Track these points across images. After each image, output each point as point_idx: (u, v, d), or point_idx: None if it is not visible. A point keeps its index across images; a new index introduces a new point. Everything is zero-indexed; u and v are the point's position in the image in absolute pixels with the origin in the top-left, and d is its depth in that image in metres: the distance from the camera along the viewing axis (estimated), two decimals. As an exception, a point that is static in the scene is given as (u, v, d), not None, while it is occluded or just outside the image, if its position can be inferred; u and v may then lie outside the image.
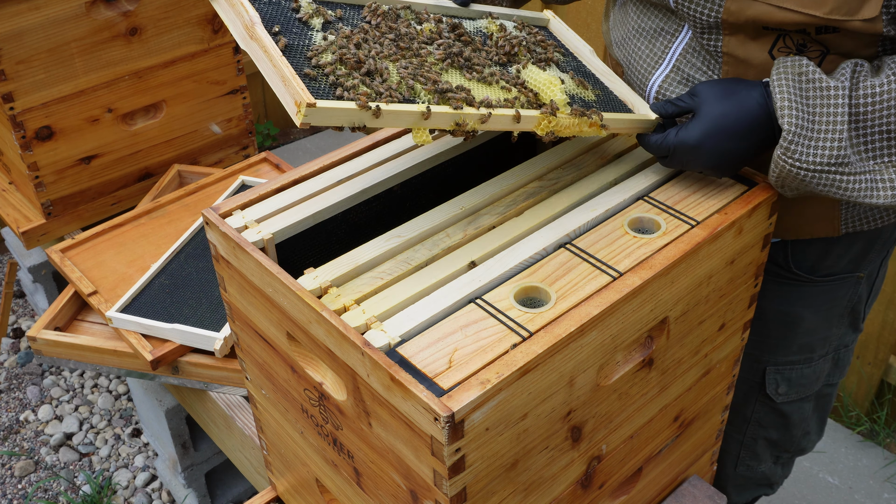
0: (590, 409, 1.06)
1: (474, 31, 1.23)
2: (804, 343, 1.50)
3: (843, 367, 1.61)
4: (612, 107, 1.20)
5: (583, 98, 1.18)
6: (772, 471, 1.73)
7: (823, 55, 1.15)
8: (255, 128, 2.61)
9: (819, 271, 1.42)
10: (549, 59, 1.23)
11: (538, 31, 1.29)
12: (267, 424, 1.33)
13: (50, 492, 2.51)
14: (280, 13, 1.08)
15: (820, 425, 1.70)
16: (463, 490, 0.94)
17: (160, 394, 2.08)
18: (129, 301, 1.83)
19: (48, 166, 2.13)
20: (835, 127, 1.07)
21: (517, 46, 1.20)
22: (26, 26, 1.95)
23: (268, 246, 1.12)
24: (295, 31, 1.06)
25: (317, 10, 1.10)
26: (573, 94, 1.17)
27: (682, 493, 1.38)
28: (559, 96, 1.12)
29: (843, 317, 1.51)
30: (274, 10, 1.08)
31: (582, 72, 1.25)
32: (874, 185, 1.10)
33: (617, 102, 1.21)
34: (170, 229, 2.10)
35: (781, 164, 1.09)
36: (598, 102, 1.19)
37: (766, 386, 1.54)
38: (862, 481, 2.47)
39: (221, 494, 2.34)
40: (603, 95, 1.21)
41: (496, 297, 1.01)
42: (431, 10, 1.21)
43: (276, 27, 1.04)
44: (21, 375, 2.87)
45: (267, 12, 1.07)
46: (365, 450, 1.05)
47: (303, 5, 1.10)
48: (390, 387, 0.91)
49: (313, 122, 0.95)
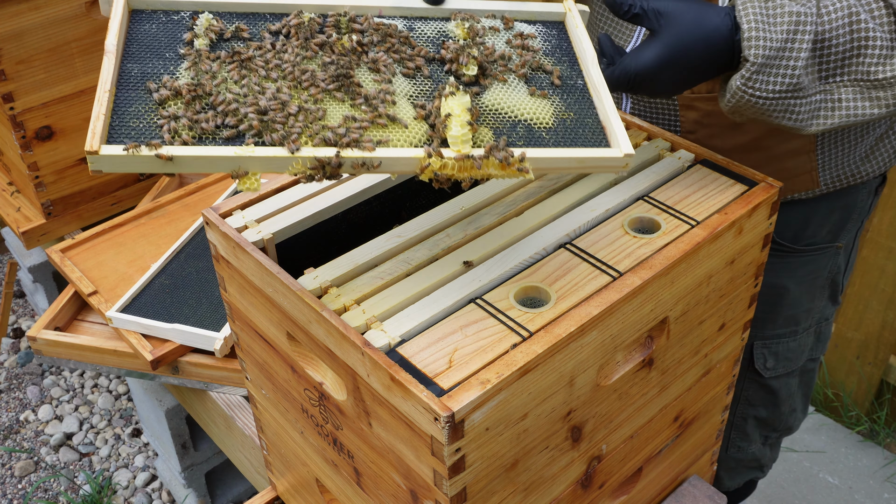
0: (590, 409, 1.06)
1: (436, 36, 1.08)
2: (789, 315, 1.56)
3: (823, 340, 1.68)
4: (576, 137, 1.00)
5: (530, 123, 1.00)
6: (761, 452, 1.76)
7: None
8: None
9: (801, 240, 1.47)
10: (514, 71, 1.04)
11: (536, 31, 1.12)
12: (267, 424, 1.33)
13: (50, 492, 2.51)
14: (169, 33, 1.01)
15: (805, 402, 1.76)
16: (463, 490, 0.94)
17: (160, 394, 2.08)
18: (129, 301, 1.83)
19: (48, 166, 2.13)
20: (798, 55, 1.05)
21: (461, 56, 1.03)
22: (26, 26, 1.95)
23: (268, 246, 1.11)
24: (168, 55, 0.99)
25: (208, 29, 1.02)
26: (516, 120, 1.00)
27: (682, 493, 1.38)
28: (454, 131, 0.95)
29: (825, 288, 1.57)
30: (162, 29, 1.02)
31: (568, 85, 1.06)
32: (822, 107, 1.09)
33: (588, 130, 1.01)
34: (170, 229, 2.10)
35: (740, 95, 1.07)
36: (555, 130, 1.00)
37: (754, 361, 1.59)
38: (862, 481, 2.46)
39: (221, 494, 2.34)
40: (574, 120, 1.01)
41: (496, 297, 1.01)
42: (389, 12, 1.10)
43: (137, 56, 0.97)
44: (21, 375, 2.87)
45: (152, 32, 1.01)
46: (365, 450, 1.05)
47: (199, 23, 1.02)
48: (390, 387, 0.91)
49: (106, 169, 0.88)
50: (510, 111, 1.01)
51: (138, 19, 1.04)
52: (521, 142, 0.98)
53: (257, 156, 0.89)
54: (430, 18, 1.10)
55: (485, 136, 0.97)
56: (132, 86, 0.96)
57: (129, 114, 0.93)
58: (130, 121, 0.92)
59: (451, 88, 0.98)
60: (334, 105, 0.97)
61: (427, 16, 1.10)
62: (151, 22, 1.04)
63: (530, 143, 0.98)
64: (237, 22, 1.04)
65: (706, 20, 1.07)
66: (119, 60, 0.98)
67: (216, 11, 1.05)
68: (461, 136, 0.94)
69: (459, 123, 0.95)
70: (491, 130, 0.98)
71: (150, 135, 0.90)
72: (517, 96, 1.02)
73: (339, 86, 0.98)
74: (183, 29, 1.03)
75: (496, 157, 0.93)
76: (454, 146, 0.94)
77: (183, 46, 1.00)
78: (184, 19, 1.04)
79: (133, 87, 0.96)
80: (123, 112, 0.93)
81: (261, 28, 1.04)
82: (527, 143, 0.98)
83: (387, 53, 1.03)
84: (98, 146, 0.87)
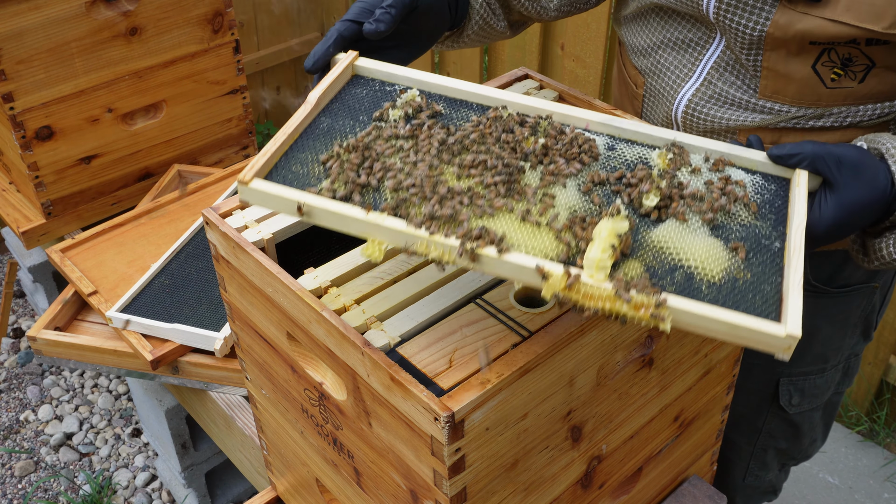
0: (590, 408, 1.06)
1: (635, 161, 0.98)
2: (818, 354, 1.50)
3: (851, 375, 1.61)
4: (740, 300, 0.84)
5: (693, 271, 0.86)
6: (777, 478, 1.73)
7: (868, 69, 1.13)
8: (255, 128, 2.61)
9: (836, 282, 1.41)
10: (701, 212, 0.91)
11: (749, 180, 0.96)
12: (267, 424, 1.33)
13: (50, 492, 2.51)
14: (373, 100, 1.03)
15: (825, 431, 1.71)
16: (463, 490, 0.94)
17: (160, 394, 2.08)
18: (129, 301, 1.83)
19: (48, 166, 2.13)
20: None
21: (644, 182, 0.92)
22: (26, 26, 1.95)
23: (268, 246, 1.11)
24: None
25: (407, 103, 1.01)
26: (679, 263, 0.86)
27: (682, 493, 1.38)
28: (592, 252, 0.84)
29: (857, 326, 1.51)
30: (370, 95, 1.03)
31: (762, 243, 0.90)
32: None
33: (759, 298, 0.84)
34: (170, 229, 2.10)
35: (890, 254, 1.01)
36: (719, 287, 0.85)
37: (779, 397, 1.54)
38: (862, 481, 2.46)
39: (221, 494, 2.34)
40: (748, 283, 0.86)
41: (496, 297, 1.00)
42: (596, 128, 1.01)
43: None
44: (21, 375, 2.87)
45: (360, 96, 1.03)
46: (365, 450, 1.05)
47: (404, 95, 1.03)
48: (390, 387, 0.91)
49: (252, 202, 0.91)
50: (675, 252, 0.87)
51: (354, 83, 1.06)
52: (672, 287, 0.84)
53: (386, 226, 0.86)
54: (637, 143, 1.01)
55: (632, 270, 0.85)
56: (315, 135, 0.98)
57: (296, 159, 0.95)
58: (294, 165, 0.94)
59: (613, 210, 0.89)
60: (492, 199, 0.89)
61: (635, 139, 1.01)
62: (364, 87, 1.05)
63: (682, 291, 0.84)
64: (441, 104, 1.03)
65: (865, 163, 0.98)
66: (316, 113, 1.01)
67: (428, 91, 1.05)
68: (598, 261, 0.83)
69: (601, 247, 0.84)
70: (643, 265, 0.86)
71: (305, 182, 0.92)
72: (690, 239, 0.89)
73: (503, 180, 0.90)
74: (389, 98, 1.03)
75: (625, 295, 0.81)
76: (587, 269, 0.83)
77: (377, 111, 1.01)
78: (396, 91, 1.05)
79: (315, 137, 0.98)
80: (293, 157, 0.95)
81: (460, 115, 1.03)
82: (678, 291, 0.84)
83: (568, 163, 0.95)
84: (250, 178, 0.90)
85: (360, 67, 1.08)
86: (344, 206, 0.88)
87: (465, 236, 0.84)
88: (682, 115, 1.28)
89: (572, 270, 0.82)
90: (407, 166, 0.93)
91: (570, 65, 2.69)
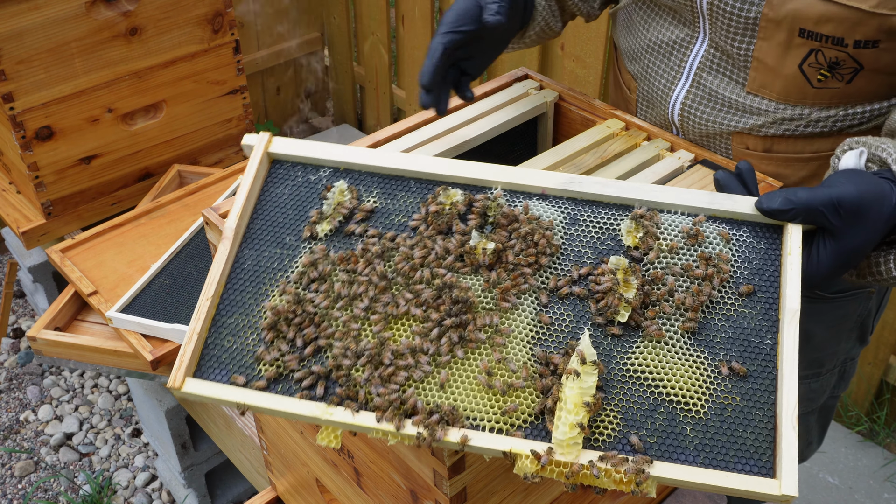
0: (590, 409, 1.06)
1: (601, 233, 0.90)
2: (814, 358, 1.50)
3: (847, 378, 1.61)
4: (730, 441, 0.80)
5: (676, 405, 0.81)
6: None
7: (856, 72, 1.12)
8: (255, 128, 2.61)
9: (831, 288, 1.41)
10: (681, 316, 0.85)
11: (734, 244, 0.90)
12: (267, 424, 1.33)
13: (50, 492, 2.51)
14: (298, 205, 0.96)
15: (821, 434, 1.70)
16: (463, 490, 0.94)
17: (160, 394, 2.08)
18: (129, 301, 1.83)
19: (48, 166, 2.13)
20: None
21: (609, 297, 0.86)
22: (26, 26, 1.95)
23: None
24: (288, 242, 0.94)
25: (338, 207, 0.94)
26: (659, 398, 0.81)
27: (682, 494, 1.38)
28: (559, 432, 0.79)
29: (853, 331, 1.51)
30: (293, 196, 0.97)
31: (751, 341, 0.84)
32: None
33: (749, 432, 0.80)
34: (170, 229, 2.10)
35: None
36: (705, 423, 0.80)
37: None
38: (862, 481, 2.47)
39: (221, 494, 2.34)
40: (737, 409, 0.81)
41: (496, 298, 1.00)
42: (553, 192, 0.93)
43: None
44: (21, 375, 2.87)
45: (283, 200, 0.97)
46: (365, 450, 1.05)
47: (330, 194, 0.96)
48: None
49: (191, 400, 0.87)
50: (654, 380, 0.83)
51: (274, 176, 1.00)
52: (653, 438, 0.80)
53: (335, 420, 0.83)
54: (602, 204, 0.93)
55: (609, 423, 0.81)
56: (242, 287, 0.93)
57: (227, 328, 0.90)
58: (226, 338, 0.89)
59: (576, 366, 0.82)
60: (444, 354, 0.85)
61: (600, 200, 0.94)
62: (286, 182, 0.99)
63: (665, 442, 0.80)
64: (374, 191, 0.97)
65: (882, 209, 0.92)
66: (237, 245, 0.95)
67: (359, 171, 0.99)
68: (567, 441, 0.79)
69: (569, 424, 0.79)
70: (620, 416, 0.81)
71: (239, 361, 0.88)
72: (670, 360, 0.84)
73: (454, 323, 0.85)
74: (314, 196, 0.97)
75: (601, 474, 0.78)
76: (558, 448, 0.79)
77: (306, 227, 0.95)
78: (321, 181, 0.99)
79: (243, 289, 0.92)
80: (222, 325, 0.90)
81: (397, 204, 0.96)
82: (661, 443, 0.80)
83: (524, 275, 0.89)
84: (181, 381, 0.85)
85: (277, 154, 1.01)
86: (288, 402, 0.85)
87: (420, 423, 0.81)
88: (679, 118, 1.28)
89: (542, 451, 0.79)
90: (346, 324, 0.88)
91: (570, 65, 2.69)
